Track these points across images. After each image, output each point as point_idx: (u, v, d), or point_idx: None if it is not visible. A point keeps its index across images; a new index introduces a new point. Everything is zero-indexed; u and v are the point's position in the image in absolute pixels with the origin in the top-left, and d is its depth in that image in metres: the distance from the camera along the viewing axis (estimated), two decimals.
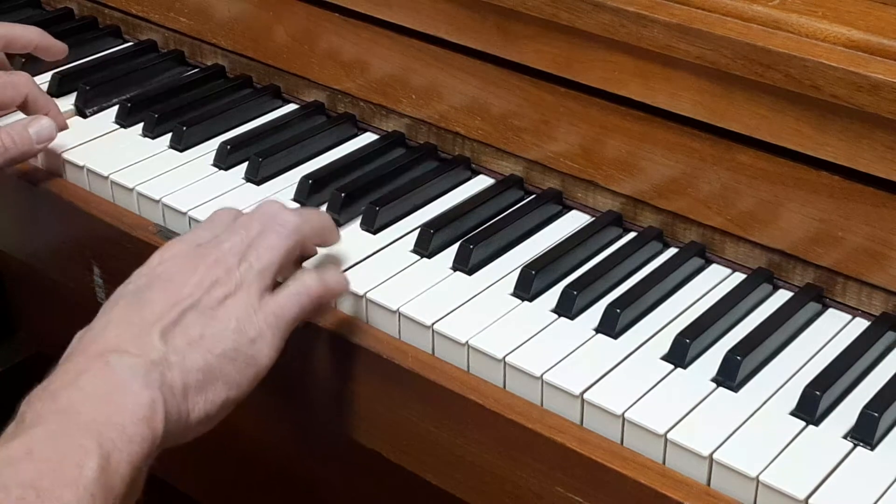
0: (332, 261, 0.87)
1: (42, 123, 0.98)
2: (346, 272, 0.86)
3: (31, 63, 1.12)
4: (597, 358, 0.78)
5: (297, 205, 0.95)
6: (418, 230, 0.90)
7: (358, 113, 1.06)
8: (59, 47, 1.10)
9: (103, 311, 0.76)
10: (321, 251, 0.87)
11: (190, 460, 0.75)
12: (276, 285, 0.78)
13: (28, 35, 1.06)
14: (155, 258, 0.79)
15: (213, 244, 0.78)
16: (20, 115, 1.03)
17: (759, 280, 0.85)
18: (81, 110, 1.08)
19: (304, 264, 0.84)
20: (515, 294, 0.84)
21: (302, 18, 1.06)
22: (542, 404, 0.77)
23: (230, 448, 1.07)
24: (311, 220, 0.83)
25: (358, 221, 0.92)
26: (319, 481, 1.18)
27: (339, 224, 0.92)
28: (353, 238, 0.91)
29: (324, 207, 0.94)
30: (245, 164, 0.99)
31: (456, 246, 0.88)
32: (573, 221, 0.93)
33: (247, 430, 0.98)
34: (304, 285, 0.78)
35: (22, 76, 1.03)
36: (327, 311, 0.84)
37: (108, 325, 0.74)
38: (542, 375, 0.76)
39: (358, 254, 0.89)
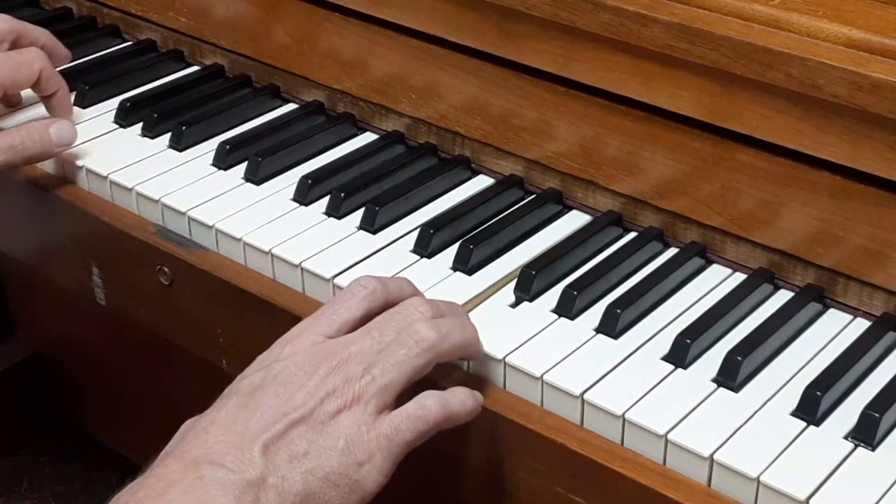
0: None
1: (62, 125, 0.97)
2: (346, 272, 0.86)
3: None
4: (597, 358, 0.78)
5: (296, 204, 0.94)
6: (418, 230, 0.90)
7: (357, 112, 1.06)
8: (63, 52, 1.09)
9: (214, 406, 0.71)
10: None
11: None
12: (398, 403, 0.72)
13: (37, 33, 1.06)
14: (276, 349, 0.73)
15: (340, 342, 0.72)
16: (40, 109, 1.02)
17: (759, 280, 0.85)
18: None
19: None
20: (515, 294, 0.84)
21: (301, 18, 1.06)
22: (542, 405, 0.77)
23: None
24: (452, 337, 0.74)
25: (358, 221, 0.92)
26: None
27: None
28: (352, 238, 0.91)
29: (323, 207, 0.94)
30: (244, 164, 0.99)
31: (456, 246, 0.88)
32: (573, 221, 0.93)
33: None
34: (423, 408, 0.71)
35: (32, 52, 1.01)
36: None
37: (211, 426, 0.68)
38: (542, 376, 0.76)
39: (358, 254, 0.88)
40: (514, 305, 0.83)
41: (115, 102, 1.08)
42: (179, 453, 0.67)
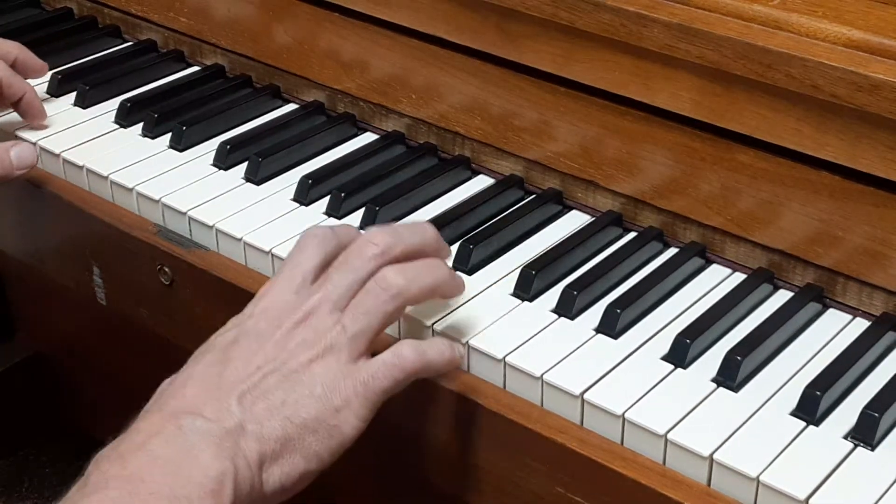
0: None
1: (23, 148, 0.95)
2: None
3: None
4: (597, 358, 0.78)
5: (296, 205, 0.95)
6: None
7: (358, 113, 1.06)
8: (38, 63, 1.07)
9: (190, 362, 0.72)
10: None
11: None
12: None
13: (7, 47, 1.04)
14: (248, 308, 0.74)
15: (304, 296, 0.73)
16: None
17: (759, 280, 0.85)
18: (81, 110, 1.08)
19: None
20: (515, 294, 0.84)
21: (302, 18, 1.06)
22: (542, 404, 0.77)
23: None
24: (421, 280, 0.75)
25: (358, 222, 0.92)
26: None
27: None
28: None
29: (323, 207, 0.94)
30: (245, 164, 0.99)
31: (456, 246, 0.88)
32: (573, 221, 0.93)
33: None
34: (399, 357, 0.72)
35: None
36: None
37: (188, 381, 0.70)
38: (542, 375, 0.76)
39: None
40: (514, 305, 0.83)
41: (115, 102, 1.08)
42: (158, 407, 0.69)
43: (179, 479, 0.64)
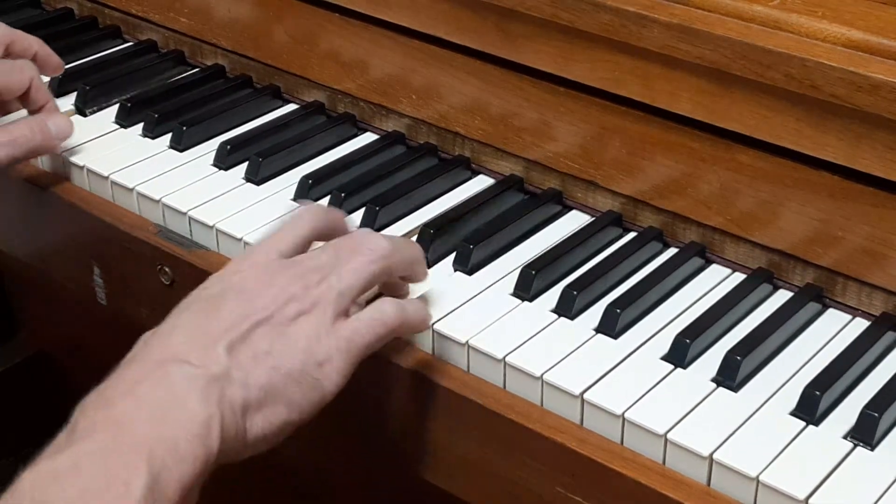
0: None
1: (59, 119, 0.98)
2: None
3: None
4: (597, 358, 0.78)
5: (296, 205, 0.95)
6: (418, 230, 0.90)
7: (358, 113, 1.06)
8: (56, 60, 1.07)
9: (173, 314, 0.73)
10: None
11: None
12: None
13: (29, 40, 1.05)
14: (233, 264, 0.76)
15: (296, 260, 0.75)
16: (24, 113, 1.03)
17: (758, 280, 0.85)
18: (81, 110, 1.08)
19: None
20: (515, 294, 0.84)
21: (302, 18, 1.06)
22: (542, 404, 0.77)
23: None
24: (403, 250, 0.79)
25: (358, 222, 0.92)
26: (314, 473, 1.18)
27: None
28: None
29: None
30: (245, 164, 0.99)
31: (456, 246, 0.88)
32: (573, 221, 0.93)
33: None
34: (381, 312, 0.75)
35: (25, 62, 1.01)
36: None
37: (174, 330, 0.71)
38: (542, 375, 0.76)
39: None
40: (514, 305, 0.83)
41: (115, 103, 1.08)
42: (142, 357, 0.70)
43: (168, 422, 0.65)
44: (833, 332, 0.82)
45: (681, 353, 0.78)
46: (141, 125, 1.05)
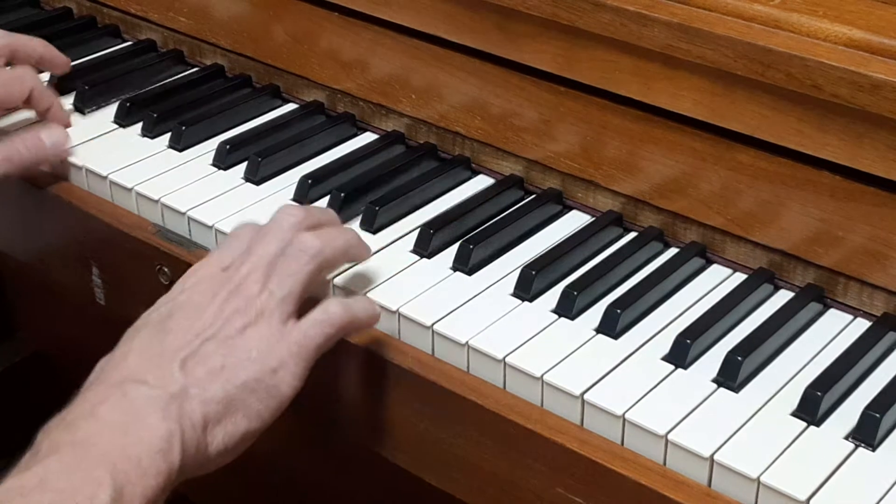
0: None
1: (54, 131, 0.98)
2: (346, 272, 0.86)
3: None
4: (597, 358, 0.78)
5: (295, 204, 0.94)
6: (418, 230, 0.90)
7: (357, 113, 1.06)
8: (62, 60, 1.08)
9: (125, 339, 0.75)
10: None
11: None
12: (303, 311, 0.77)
13: (32, 45, 1.05)
14: (179, 285, 0.77)
15: (233, 269, 0.77)
16: (25, 114, 1.03)
17: (759, 280, 0.85)
18: (80, 110, 1.08)
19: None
20: (515, 294, 0.84)
21: (301, 18, 1.06)
22: (542, 405, 0.77)
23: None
24: (334, 242, 0.80)
25: (358, 221, 0.92)
26: (316, 479, 1.18)
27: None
28: None
29: (323, 207, 0.94)
30: (244, 164, 0.99)
31: (456, 246, 0.88)
32: (573, 221, 0.93)
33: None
34: (328, 314, 0.76)
35: (26, 70, 1.02)
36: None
37: (128, 355, 0.73)
38: (542, 376, 0.76)
39: None
40: (514, 305, 0.83)
41: (114, 102, 1.08)
42: (100, 380, 0.71)
43: (129, 441, 0.67)
44: (834, 332, 0.81)
45: (681, 354, 0.78)
46: (140, 125, 1.05)
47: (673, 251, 0.89)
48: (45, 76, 1.10)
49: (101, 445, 0.66)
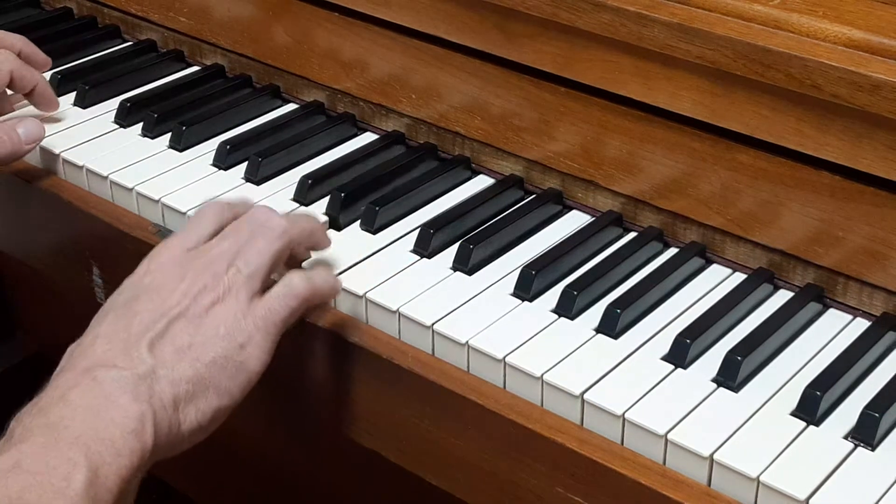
0: (324, 263, 0.86)
1: (29, 123, 0.97)
2: (346, 272, 0.86)
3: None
4: (597, 358, 0.78)
5: (296, 204, 0.95)
6: (418, 230, 0.90)
7: (358, 113, 1.06)
8: (42, 58, 1.07)
9: (92, 325, 0.75)
10: (315, 254, 0.86)
11: (186, 460, 0.74)
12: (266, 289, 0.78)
13: (11, 41, 1.04)
14: (142, 266, 0.78)
15: (202, 250, 0.78)
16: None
17: (759, 280, 0.85)
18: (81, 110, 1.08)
19: (304, 265, 0.84)
20: (515, 294, 0.84)
21: (302, 18, 1.06)
22: (542, 404, 0.77)
23: (227, 447, 1.07)
24: (300, 224, 0.81)
25: (358, 221, 0.92)
26: (317, 481, 1.18)
27: (339, 224, 0.92)
28: (352, 238, 0.91)
29: (323, 207, 0.94)
30: (244, 164, 0.99)
31: (456, 246, 0.88)
32: (573, 221, 0.93)
33: (244, 430, 0.98)
34: (290, 287, 0.77)
35: (0, 54, 1.01)
36: (324, 310, 0.83)
37: (96, 340, 0.73)
38: (542, 375, 0.76)
39: (358, 254, 0.88)
40: (514, 305, 0.83)
41: (115, 102, 1.08)
42: (70, 367, 0.72)
43: (101, 422, 0.67)
44: (834, 332, 0.81)
45: (681, 354, 0.78)
46: (140, 125, 1.05)
47: (673, 251, 0.89)
48: (46, 76, 1.10)
49: (73, 428, 0.67)
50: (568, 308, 0.82)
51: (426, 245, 0.89)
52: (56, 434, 0.66)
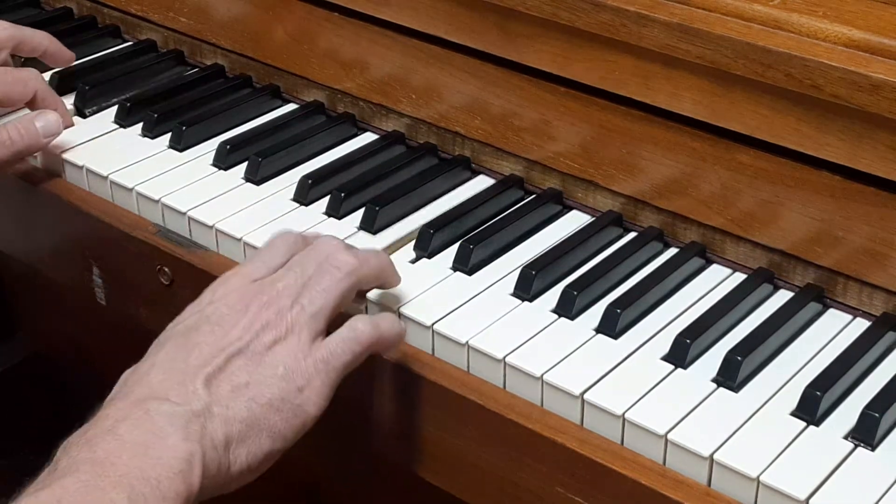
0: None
1: (48, 117, 0.97)
2: None
3: (29, 64, 1.12)
4: (597, 358, 0.78)
5: (296, 204, 0.95)
6: (418, 230, 0.90)
7: (357, 113, 1.06)
8: (67, 54, 1.09)
9: (150, 352, 0.73)
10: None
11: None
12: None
13: (38, 38, 1.06)
14: (207, 294, 0.76)
15: (267, 282, 0.75)
16: (26, 111, 1.03)
17: (759, 280, 0.85)
18: (81, 110, 1.08)
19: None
20: (515, 294, 0.84)
21: (302, 18, 1.06)
22: (542, 404, 0.77)
23: None
24: (369, 262, 0.78)
25: (358, 222, 0.92)
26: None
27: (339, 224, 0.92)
28: (353, 238, 0.90)
29: (323, 207, 0.94)
30: (245, 164, 0.99)
31: (456, 246, 0.88)
32: (573, 221, 0.93)
33: None
34: (355, 331, 0.74)
35: (31, 72, 1.02)
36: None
37: (152, 369, 0.71)
38: (542, 375, 0.76)
39: None
40: (514, 305, 0.83)
41: (115, 102, 1.08)
42: (123, 395, 0.70)
43: (148, 461, 0.65)
44: (834, 332, 0.81)
45: (681, 354, 0.78)
46: (140, 125, 1.05)
47: (673, 251, 0.89)
48: (46, 76, 1.11)
49: (119, 466, 0.64)
50: (568, 308, 0.82)
51: (426, 245, 0.89)
52: (100, 470, 0.64)
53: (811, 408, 0.73)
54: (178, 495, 0.65)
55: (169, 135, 1.03)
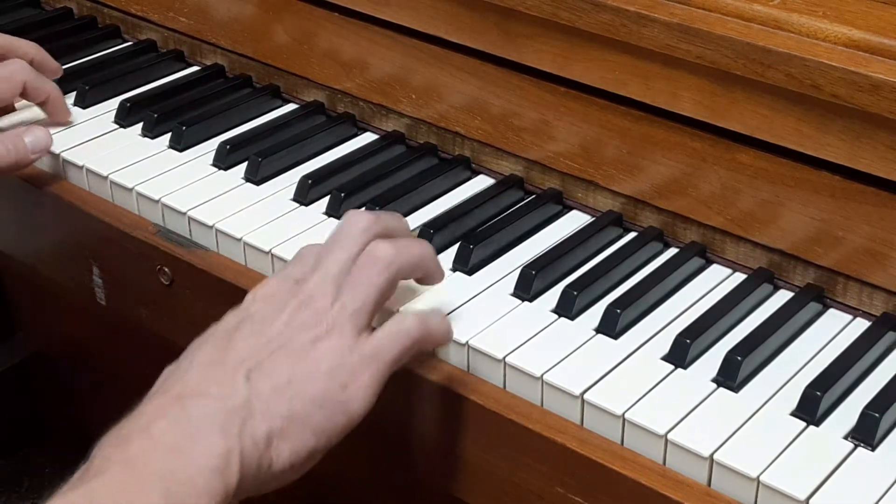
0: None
1: (37, 133, 0.97)
2: None
3: None
4: (597, 358, 0.78)
5: (296, 204, 0.95)
6: (418, 230, 0.90)
7: (358, 113, 1.06)
8: (53, 65, 1.07)
9: (190, 350, 0.72)
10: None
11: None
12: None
13: (25, 48, 1.04)
14: (248, 297, 0.74)
15: (302, 281, 0.74)
16: (22, 113, 1.03)
17: (759, 280, 0.85)
18: (81, 110, 1.08)
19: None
20: (515, 294, 0.84)
21: (302, 18, 1.06)
22: (542, 404, 0.77)
23: None
24: (409, 251, 0.76)
25: None
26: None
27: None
28: None
29: (323, 207, 0.94)
30: (244, 164, 0.99)
31: (456, 246, 0.88)
32: (573, 221, 0.93)
33: None
34: (404, 325, 0.73)
35: (15, 64, 1.01)
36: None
37: (192, 365, 0.70)
38: (542, 375, 0.76)
39: None
40: (514, 305, 0.83)
41: (115, 102, 1.08)
42: (161, 392, 0.69)
43: (184, 459, 0.64)
44: (834, 332, 0.81)
45: (681, 354, 0.78)
46: (140, 125, 1.05)
47: (673, 251, 0.89)
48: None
49: (153, 465, 0.63)
50: (568, 308, 0.82)
51: None
52: (133, 470, 0.63)
53: (811, 408, 0.73)
54: (215, 492, 0.64)
55: (169, 135, 1.03)
